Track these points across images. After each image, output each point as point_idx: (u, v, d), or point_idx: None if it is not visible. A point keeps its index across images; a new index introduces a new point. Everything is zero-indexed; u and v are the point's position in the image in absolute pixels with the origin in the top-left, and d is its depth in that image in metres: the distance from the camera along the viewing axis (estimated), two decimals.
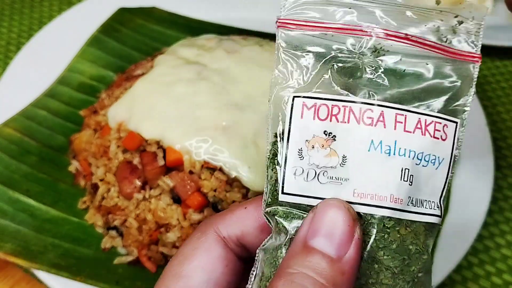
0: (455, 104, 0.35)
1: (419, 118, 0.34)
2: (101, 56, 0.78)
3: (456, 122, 0.35)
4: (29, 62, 0.75)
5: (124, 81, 0.71)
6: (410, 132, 0.33)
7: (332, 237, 0.31)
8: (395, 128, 0.33)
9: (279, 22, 0.35)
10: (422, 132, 0.34)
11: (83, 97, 0.74)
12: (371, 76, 0.34)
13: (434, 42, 0.35)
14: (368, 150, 0.33)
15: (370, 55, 0.34)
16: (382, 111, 0.33)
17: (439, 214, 0.34)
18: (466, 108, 0.35)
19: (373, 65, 0.34)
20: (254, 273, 0.35)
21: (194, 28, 0.83)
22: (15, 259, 0.55)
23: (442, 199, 0.35)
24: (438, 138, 0.34)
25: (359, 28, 0.34)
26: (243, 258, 0.37)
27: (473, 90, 0.35)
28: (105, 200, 0.62)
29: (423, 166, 0.34)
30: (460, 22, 0.35)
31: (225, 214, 0.38)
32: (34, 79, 0.73)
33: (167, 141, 0.59)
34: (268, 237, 0.35)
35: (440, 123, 0.34)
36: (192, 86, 0.62)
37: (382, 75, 0.34)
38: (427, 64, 0.35)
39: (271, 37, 0.74)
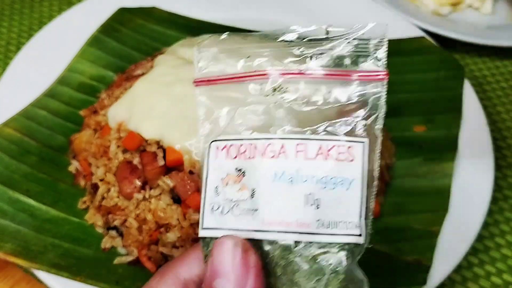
0: (362, 124, 0.37)
1: (320, 145, 0.36)
2: (101, 56, 0.78)
3: (363, 142, 0.36)
4: (29, 62, 0.75)
5: (124, 81, 0.71)
6: (312, 158, 0.36)
7: (228, 276, 0.33)
8: (296, 157, 0.36)
9: (195, 82, 0.40)
10: (324, 157, 0.36)
11: (83, 97, 0.74)
12: (275, 113, 0.37)
13: (332, 70, 0.37)
14: (273, 181, 0.36)
15: (273, 94, 0.38)
16: (283, 143, 0.36)
17: (359, 233, 0.35)
18: (377, 126, 0.37)
19: (276, 102, 0.38)
20: None
21: (194, 28, 0.83)
22: (15, 259, 0.55)
23: (362, 217, 0.36)
24: (343, 160, 0.36)
25: (258, 73, 0.38)
26: None
27: (383, 108, 0.37)
28: (105, 200, 0.62)
29: (331, 189, 0.35)
30: (357, 45, 0.37)
31: (184, 256, 0.39)
32: (34, 79, 0.73)
33: (167, 141, 0.59)
34: None
35: (344, 145, 0.36)
36: (192, 86, 0.62)
37: (284, 110, 0.37)
38: (329, 92, 0.37)
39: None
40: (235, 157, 0.37)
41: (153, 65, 0.68)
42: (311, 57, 0.37)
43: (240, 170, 0.37)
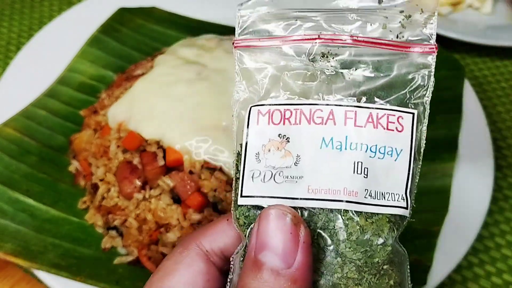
0: (412, 96, 0.36)
1: (370, 112, 0.35)
2: (101, 56, 0.78)
3: (413, 113, 0.35)
4: (29, 62, 0.75)
5: (124, 81, 0.71)
6: (362, 126, 0.35)
7: (277, 250, 0.32)
8: (345, 124, 0.34)
9: (235, 43, 0.38)
10: (374, 125, 0.35)
11: (83, 97, 0.74)
12: (322, 79, 0.36)
13: (383, 39, 0.36)
14: (320, 148, 0.34)
15: (320, 60, 0.36)
16: (332, 109, 0.35)
17: (405, 206, 0.35)
18: (425, 99, 0.36)
19: (323, 69, 0.36)
20: (229, 279, 0.36)
21: (194, 28, 0.83)
22: (15, 259, 0.55)
23: (408, 190, 0.35)
24: (392, 130, 0.35)
25: (306, 37, 0.36)
26: (227, 271, 0.37)
27: (431, 81, 0.36)
28: (105, 200, 0.62)
29: (378, 158, 0.34)
30: (408, 16, 0.36)
31: (207, 228, 0.38)
32: (34, 79, 0.73)
33: (167, 141, 0.59)
34: (240, 244, 0.36)
35: (394, 115, 0.35)
36: (192, 86, 0.62)
37: (332, 77, 0.36)
38: (378, 61, 0.36)
39: None
40: (279, 123, 0.35)
41: (153, 65, 0.68)
42: (363, 25, 0.36)
43: (284, 136, 0.35)
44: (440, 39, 0.88)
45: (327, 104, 0.35)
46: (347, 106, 0.35)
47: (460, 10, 0.99)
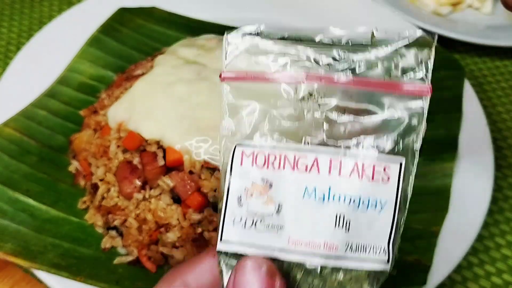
0: (401, 142, 0.34)
1: (356, 162, 0.33)
2: (101, 56, 0.78)
3: (400, 163, 0.34)
4: (29, 62, 0.75)
5: (124, 81, 0.71)
6: (346, 176, 0.33)
7: None
8: (329, 173, 0.33)
9: (222, 75, 0.36)
10: (359, 176, 0.33)
11: (83, 97, 0.74)
12: (309, 120, 0.34)
13: (374, 79, 0.34)
14: (303, 197, 0.33)
15: (308, 99, 0.34)
16: (316, 157, 0.33)
17: (386, 260, 0.34)
18: (416, 146, 0.34)
19: (311, 109, 0.34)
20: None
21: (194, 28, 0.83)
22: (15, 259, 0.55)
23: (391, 242, 0.34)
24: (378, 181, 0.33)
25: (295, 75, 0.35)
26: None
27: (423, 125, 0.34)
28: (105, 200, 0.62)
29: (362, 210, 0.33)
30: (402, 55, 0.34)
31: (193, 263, 0.37)
32: (34, 79, 0.73)
33: (167, 141, 0.59)
34: None
35: (380, 164, 0.33)
36: (192, 86, 0.62)
37: (319, 118, 0.34)
38: (368, 102, 0.34)
39: None
40: (263, 166, 0.34)
41: (153, 65, 0.68)
42: (353, 64, 0.34)
43: (267, 181, 0.34)
44: (440, 39, 0.88)
45: (312, 151, 0.34)
46: (333, 154, 0.34)
47: (460, 10, 0.99)
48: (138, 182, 0.60)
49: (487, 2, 0.98)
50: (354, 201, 0.33)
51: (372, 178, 0.33)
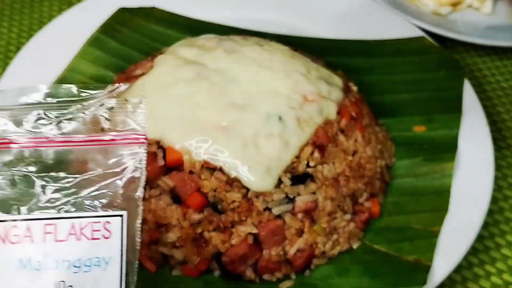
0: (121, 194, 0.33)
1: (73, 223, 0.32)
2: (101, 56, 0.78)
3: (121, 215, 0.33)
4: (29, 62, 0.75)
5: (124, 81, 0.71)
6: (63, 240, 0.32)
7: None
8: (44, 241, 0.32)
9: None
10: (77, 237, 0.32)
11: None
12: (21, 187, 0.33)
13: (85, 135, 0.33)
14: (18, 270, 0.32)
15: (16, 166, 0.33)
16: (29, 225, 0.32)
17: None
18: (138, 193, 0.33)
19: (22, 175, 0.33)
20: None
21: (194, 28, 0.83)
22: None
23: None
24: (99, 239, 0.33)
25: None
26: None
27: (143, 174, 0.33)
28: None
29: (85, 272, 0.32)
30: (111, 108, 0.34)
31: None
32: (34, 79, 0.73)
33: (167, 141, 0.58)
34: None
35: (100, 221, 0.33)
36: (192, 86, 0.62)
37: (30, 184, 0.33)
38: (84, 160, 0.33)
39: (271, 37, 0.74)
40: None
41: (153, 65, 0.67)
42: (60, 121, 0.33)
43: None
44: (440, 39, 0.88)
45: (24, 219, 0.32)
46: (46, 219, 0.32)
47: (460, 10, 0.99)
48: None
49: (487, 2, 0.98)
50: (74, 265, 0.32)
51: (92, 237, 0.32)
